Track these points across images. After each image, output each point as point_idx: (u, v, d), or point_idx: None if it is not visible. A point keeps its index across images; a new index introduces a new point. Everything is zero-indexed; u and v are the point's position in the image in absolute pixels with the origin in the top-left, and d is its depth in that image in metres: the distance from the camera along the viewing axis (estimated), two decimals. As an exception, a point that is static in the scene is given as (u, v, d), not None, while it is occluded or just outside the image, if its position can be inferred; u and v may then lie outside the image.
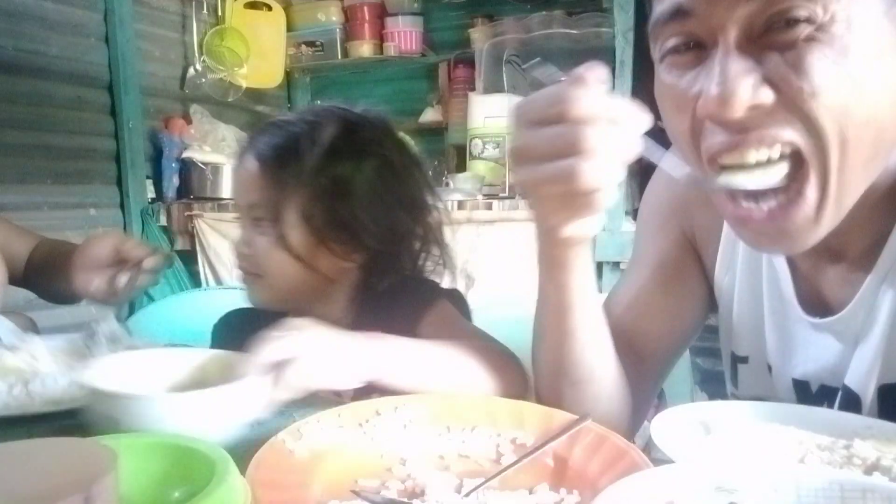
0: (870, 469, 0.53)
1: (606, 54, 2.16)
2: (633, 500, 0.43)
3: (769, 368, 0.75)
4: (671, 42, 0.59)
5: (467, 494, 0.51)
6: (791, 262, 0.72)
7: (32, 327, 1.21)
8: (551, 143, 0.52)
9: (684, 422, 0.60)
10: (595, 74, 0.52)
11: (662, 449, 0.53)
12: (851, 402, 0.67)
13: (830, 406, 0.69)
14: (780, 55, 0.54)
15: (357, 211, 0.94)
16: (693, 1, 0.55)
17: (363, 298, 1.00)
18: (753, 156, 0.56)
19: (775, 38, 0.54)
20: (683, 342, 0.83)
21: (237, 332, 1.04)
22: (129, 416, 0.57)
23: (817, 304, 0.70)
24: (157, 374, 0.68)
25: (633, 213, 2.15)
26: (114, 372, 0.65)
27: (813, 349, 0.70)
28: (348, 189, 0.94)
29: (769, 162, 0.56)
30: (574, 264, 0.62)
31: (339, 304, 1.00)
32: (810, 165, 0.56)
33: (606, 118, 0.51)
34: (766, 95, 0.54)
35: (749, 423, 0.61)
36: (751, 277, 0.76)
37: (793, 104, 0.54)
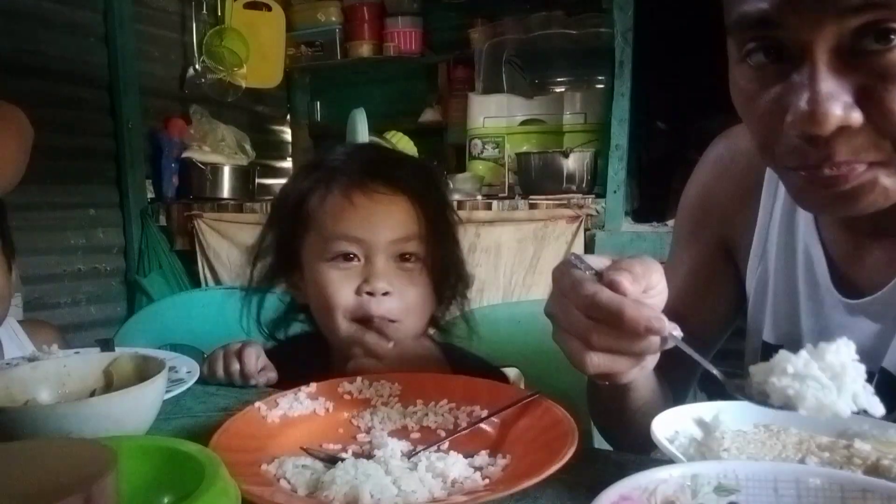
0: (870, 469, 0.53)
1: (606, 55, 2.16)
2: (634, 500, 0.43)
3: None
4: (753, 47, 0.57)
5: (410, 457, 0.56)
6: (826, 248, 0.72)
7: (59, 338, 1.17)
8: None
9: (684, 422, 0.60)
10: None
11: (662, 449, 0.54)
12: (890, 385, 0.67)
13: None
14: (872, 74, 0.52)
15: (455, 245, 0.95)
16: (781, 12, 0.53)
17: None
18: (827, 172, 0.56)
19: (867, 54, 0.52)
20: (712, 347, 0.86)
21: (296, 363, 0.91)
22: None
23: (851, 288, 0.71)
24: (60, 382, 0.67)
25: (633, 214, 2.15)
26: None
27: (848, 333, 0.70)
28: (454, 220, 0.96)
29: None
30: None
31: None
32: (889, 172, 0.55)
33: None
34: (857, 117, 0.53)
35: (749, 422, 0.61)
36: (785, 265, 0.76)
37: (884, 127, 0.53)
